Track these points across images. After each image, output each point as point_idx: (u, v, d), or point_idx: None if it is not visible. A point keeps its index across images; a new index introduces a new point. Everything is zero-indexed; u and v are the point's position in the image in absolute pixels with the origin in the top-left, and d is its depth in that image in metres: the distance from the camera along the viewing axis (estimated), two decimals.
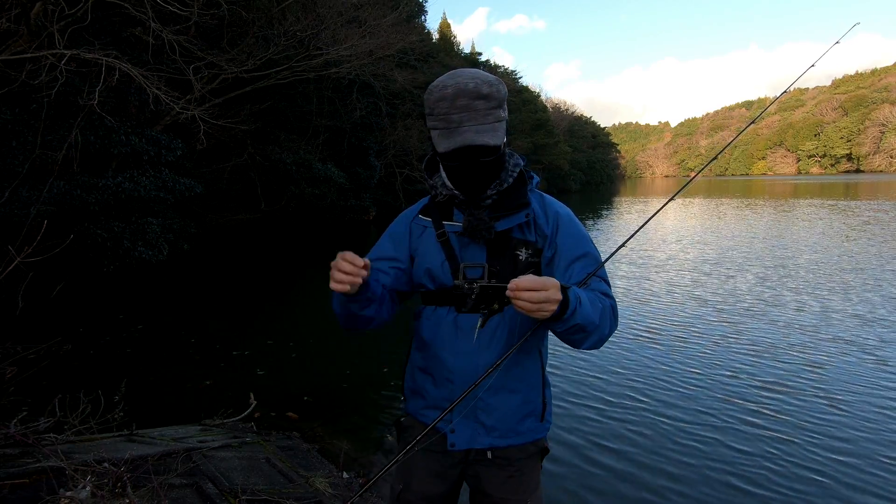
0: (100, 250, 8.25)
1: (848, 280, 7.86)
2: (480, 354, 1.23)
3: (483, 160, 1.16)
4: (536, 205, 1.30)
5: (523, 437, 1.29)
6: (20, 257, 2.12)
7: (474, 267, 1.23)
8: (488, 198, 1.25)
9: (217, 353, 5.17)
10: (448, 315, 1.27)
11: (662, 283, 7.94)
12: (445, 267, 1.26)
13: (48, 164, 7.45)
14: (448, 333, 1.26)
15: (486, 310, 1.19)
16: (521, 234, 1.26)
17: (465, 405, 1.23)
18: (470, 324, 1.23)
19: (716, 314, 6.20)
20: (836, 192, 34.67)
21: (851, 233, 13.39)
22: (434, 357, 1.29)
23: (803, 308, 6.39)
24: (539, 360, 1.31)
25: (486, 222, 1.21)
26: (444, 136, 1.14)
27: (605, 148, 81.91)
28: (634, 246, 11.28)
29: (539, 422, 1.31)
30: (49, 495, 1.78)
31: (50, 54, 6.19)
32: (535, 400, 1.30)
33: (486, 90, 1.11)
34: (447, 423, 1.27)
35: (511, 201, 1.25)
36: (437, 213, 1.30)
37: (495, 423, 1.26)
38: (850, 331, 5.47)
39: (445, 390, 1.26)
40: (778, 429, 3.46)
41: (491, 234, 1.21)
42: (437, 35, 34.30)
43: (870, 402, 3.82)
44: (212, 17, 8.45)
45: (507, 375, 1.24)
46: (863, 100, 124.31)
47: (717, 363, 4.63)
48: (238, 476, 2.36)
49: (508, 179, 1.26)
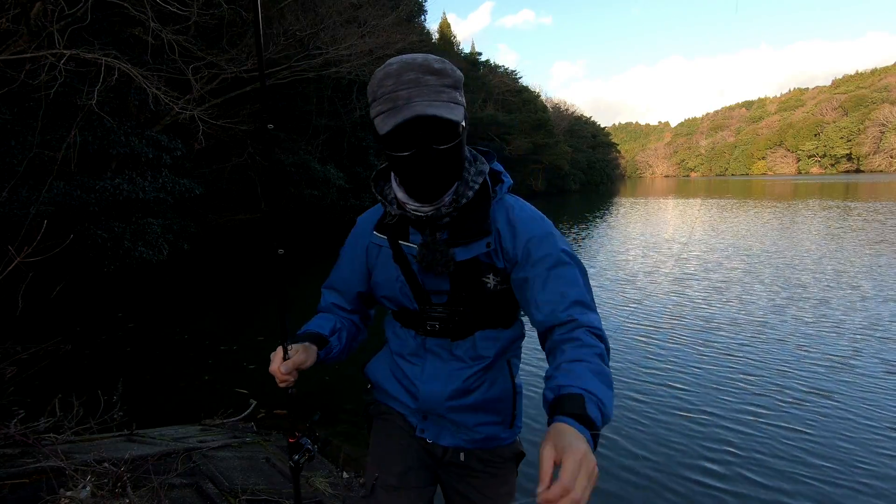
0: (100, 250, 8.25)
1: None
2: (448, 380, 1.18)
3: (438, 148, 0.98)
4: (503, 223, 1.11)
5: (491, 443, 1.24)
6: (20, 257, 2.12)
7: (437, 293, 1.15)
8: (445, 216, 1.08)
9: (211, 350, 5.17)
10: (416, 337, 1.20)
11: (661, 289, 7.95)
12: (406, 291, 1.16)
13: (47, 164, 7.44)
14: (415, 354, 1.22)
15: (452, 332, 1.15)
16: (487, 259, 1.11)
17: (433, 415, 1.22)
18: (438, 346, 1.18)
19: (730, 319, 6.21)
20: (836, 192, 34.65)
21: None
22: (402, 371, 1.24)
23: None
24: (509, 373, 1.24)
25: (444, 255, 1.06)
26: (389, 116, 0.96)
27: (605, 148, 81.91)
28: (636, 249, 11.27)
29: (508, 428, 1.25)
30: (49, 495, 1.78)
31: (49, 54, 6.18)
32: (505, 411, 1.23)
33: (437, 65, 0.97)
34: (419, 416, 1.25)
35: (471, 224, 1.08)
36: (393, 231, 1.16)
37: (462, 432, 1.23)
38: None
39: (413, 403, 1.23)
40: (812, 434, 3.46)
41: (450, 268, 1.07)
42: (437, 35, 34.31)
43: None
44: (211, 17, 8.45)
45: (475, 394, 1.19)
46: (863, 100, 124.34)
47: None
48: (238, 476, 2.36)
49: (468, 193, 1.08)
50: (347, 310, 1.30)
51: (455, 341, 1.17)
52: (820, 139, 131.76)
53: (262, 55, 1.02)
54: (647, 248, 11.44)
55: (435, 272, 1.08)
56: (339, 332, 1.24)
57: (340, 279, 1.28)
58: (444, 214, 1.08)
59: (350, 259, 1.26)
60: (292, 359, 1.08)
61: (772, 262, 9.42)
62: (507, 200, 1.14)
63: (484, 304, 1.13)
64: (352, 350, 1.29)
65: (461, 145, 1.04)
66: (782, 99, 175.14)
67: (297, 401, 1.20)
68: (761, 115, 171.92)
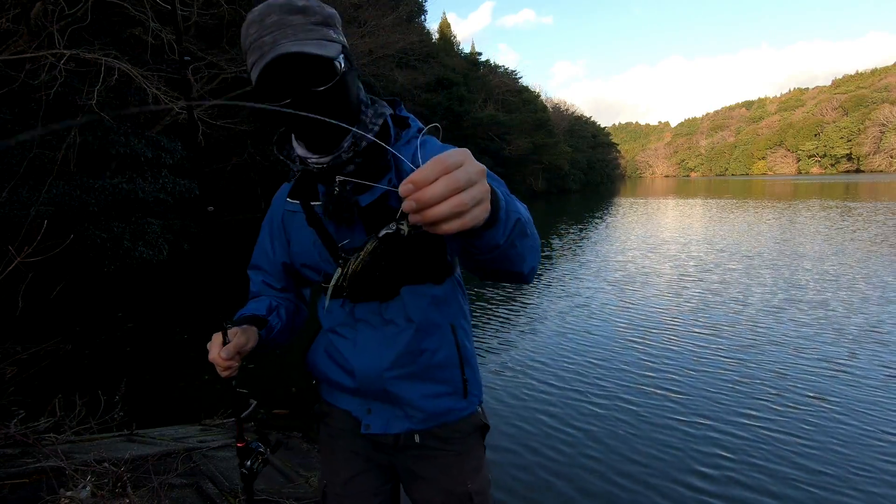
0: (100, 250, 8.25)
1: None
2: (383, 348, 1.10)
3: (317, 90, 0.91)
4: (410, 161, 1.03)
5: (446, 418, 1.15)
6: (20, 257, 2.12)
7: (354, 250, 1.05)
8: (349, 162, 1.01)
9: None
10: (344, 306, 1.12)
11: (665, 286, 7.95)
12: (324, 254, 1.09)
13: (47, 164, 7.45)
14: (345, 326, 1.14)
15: (380, 295, 1.06)
16: (397, 202, 0.96)
17: (374, 395, 1.13)
18: (368, 313, 1.10)
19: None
20: (836, 192, 34.67)
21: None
22: (335, 350, 1.16)
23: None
24: (452, 337, 1.14)
25: (345, 199, 1.01)
26: (257, 65, 0.89)
27: (605, 148, 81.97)
28: (636, 250, 11.26)
29: (462, 398, 1.16)
30: (49, 495, 1.79)
31: (49, 54, 6.19)
32: (454, 379, 1.15)
33: (300, 3, 0.90)
34: (359, 405, 1.17)
35: (376, 161, 1.03)
36: (304, 194, 1.11)
37: (410, 409, 1.13)
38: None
39: (351, 382, 1.14)
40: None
41: (353, 214, 1.02)
42: (437, 35, 34.33)
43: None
44: (211, 17, 8.46)
45: (417, 363, 1.10)
46: (863, 100, 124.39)
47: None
48: (238, 476, 2.36)
49: (368, 136, 0.98)
50: (278, 288, 1.22)
51: (384, 303, 1.08)
52: (820, 139, 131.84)
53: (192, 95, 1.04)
54: (645, 250, 11.43)
55: (339, 220, 1.03)
56: (278, 310, 1.16)
57: (263, 256, 1.22)
58: (346, 161, 1.01)
59: (269, 233, 1.21)
60: (233, 342, 1.00)
61: (770, 263, 9.42)
62: (417, 142, 1.08)
63: (403, 255, 1.05)
64: (295, 330, 1.21)
65: (345, 85, 0.96)
66: (782, 99, 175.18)
67: (241, 398, 1.13)
68: (761, 115, 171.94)
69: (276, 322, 1.13)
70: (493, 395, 4.01)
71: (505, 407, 3.85)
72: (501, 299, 7.20)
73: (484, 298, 7.18)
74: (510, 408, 3.84)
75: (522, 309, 6.70)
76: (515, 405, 3.89)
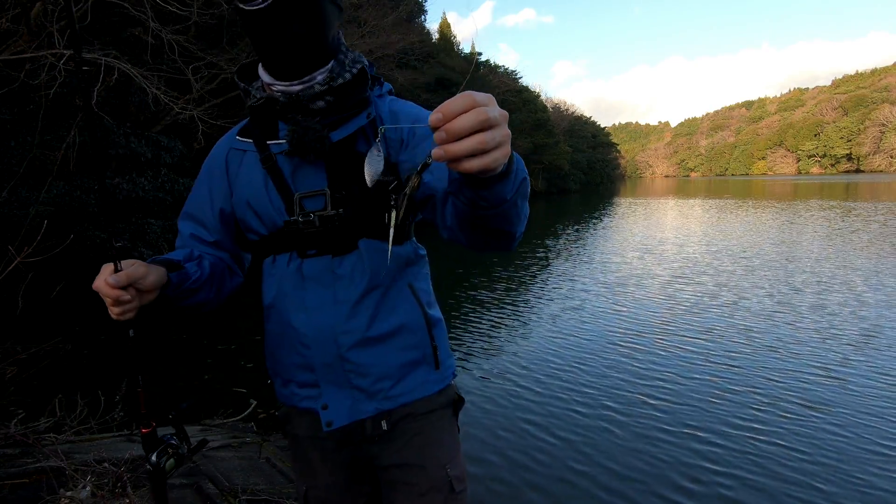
0: (100, 251, 8.25)
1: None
2: (336, 308, 0.98)
3: (296, 31, 0.88)
4: (385, 111, 1.02)
5: (419, 392, 1.05)
6: (20, 257, 2.12)
7: (313, 195, 0.97)
8: (319, 97, 0.95)
9: (211, 350, 5.17)
10: (290, 264, 1.00)
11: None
12: (276, 200, 0.98)
13: (47, 164, 7.45)
14: (292, 288, 1.00)
15: (338, 245, 0.96)
16: (365, 146, 0.98)
17: (333, 373, 1.00)
18: (318, 269, 0.98)
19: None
20: (836, 192, 34.67)
21: None
22: (282, 322, 1.03)
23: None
24: (413, 296, 1.05)
25: (316, 131, 0.92)
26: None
27: (605, 148, 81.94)
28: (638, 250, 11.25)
29: (434, 369, 1.06)
30: (49, 495, 1.79)
31: (49, 54, 6.19)
32: (421, 344, 1.04)
33: None
34: (316, 399, 1.03)
35: (347, 102, 0.96)
36: (259, 132, 1.01)
37: (375, 384, 1.01)
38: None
39: (302, 359, 1.02)
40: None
41: (324, 146, 0.93)
42: (437, 35, 34.31)
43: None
44: (211, 17, 8.46)
45: (375, 324, 0.99)
46: (863, 100, 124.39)
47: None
48: (238, 476, 2.36)
49: (345, 75, 0.97)
50: (209, 241, 1.07)
51: (337, 257, 0.98)
52: (820, 139, 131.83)
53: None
54: (642, 252, 11.40)
55: (306, 151, 0.93)
56: (200, 260, 1.01)
57: (197, 203, 1.08)
58: (318, 94, 0.95)
59: (208, 176, 1.08)
60: (126, 270, 0.85)
61: (768, 265, 9.40)
62: (389, 98, 1.06)
63: (367, 204, 0.96)
64: (223, 293, 1.06)
65: (323, 9, 0.91)
66: (782, 99, 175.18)
67: (147, 365, 0.95)
68: (761, 115, 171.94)
69: (195, 271, 0.97)
70: (471, 401, 3.84)
71: (484, 414, 3.72)
72: (492, 302, 7.20)
73: (475, 301, 7.17)
74: (488, 414, 3.71)
75: (514, 311, 6.67)
76: (495, 411, 3.76)
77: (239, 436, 2.97)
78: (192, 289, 0.96)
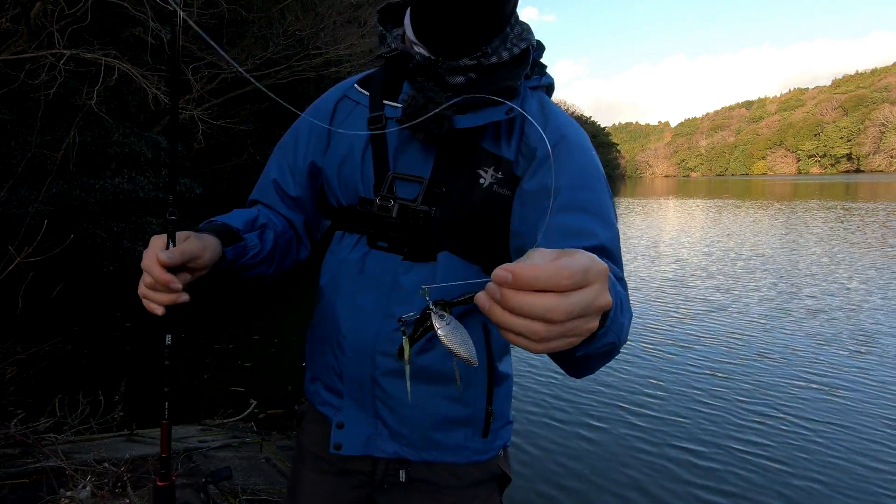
0: (100, 250, 8.25)
1: None
2: (385, 322, 0.80)
3: (472, 16, 0.72)
4: (535, 108, 0.82)
5: (452, 456, 0.83)
6: (20, 257, 2.12)
7: (409, 180, 0.80)
8: (460, 71, 0.78)
9: (210, 350, 5.17)
10: (355, 250, 0.84)
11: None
12: (367, 170, 0.82)
13: (47, 163, 7.46)
14: (349, 277, 0.83)
15: (407, 248, 0.79)
16: (493, 144, 0.79)
17: (360, 391, 0.83)
18: (381, 269, 0.81)
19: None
20: (836, 192, 34.65)
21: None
22: (328, 312, 0.86)
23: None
24: (484, 340, 0.82)
25: (437, 105, 0.73)
26: None
27: (605, 148, 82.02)
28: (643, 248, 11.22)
29: (481, 437, 0.84)
30: (49, 495, 1.79)
31: (49, 54, 6.19)
32: (472, 401, 0.83)
33: None
34: (335, 411, 0.86)
35: (492, 86, 0.76)
36: (380, 87, 0.84)
37: (402, 425, 0.82)
38: None
39: (335, 361, 0.85)
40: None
41: (441, 129, 0.75)
42: None
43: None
44: (211, 17, 8.46)
45: (424, 357, 0.80)
46: (863, 100, 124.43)
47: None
48: (238, 476, 2.37)
49: (502, 54, 0.78)
50: (291, 196, 0.91)
51: (407, 261, 0.80)
52: (820, 139, 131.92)
53: None
54: (636, 254, 11.37)
55: (420, 126, 0.74)
56: (263, 231, 0.84)
57: (291, 146, 0.92)
58: (460, 69, 0.77)
59: (309, 125, 0.90)
60: (180, 246, 0.68)
61: (766, 267, 9.39)
62: (543, 95, 0.86)
63: (466, 210, 0.79)
64: (283, 267, 0.90)
65: (504, 3, 0.74)
66: (782, 99, 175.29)
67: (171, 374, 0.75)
68: (761, 115, 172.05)
69: (254, 245, 0.80)
70: None
71: None
72: None
73: None
74: None
75: None
76: None
77: (239, 436, 2.97)
78: (248, 265, 0.80)
